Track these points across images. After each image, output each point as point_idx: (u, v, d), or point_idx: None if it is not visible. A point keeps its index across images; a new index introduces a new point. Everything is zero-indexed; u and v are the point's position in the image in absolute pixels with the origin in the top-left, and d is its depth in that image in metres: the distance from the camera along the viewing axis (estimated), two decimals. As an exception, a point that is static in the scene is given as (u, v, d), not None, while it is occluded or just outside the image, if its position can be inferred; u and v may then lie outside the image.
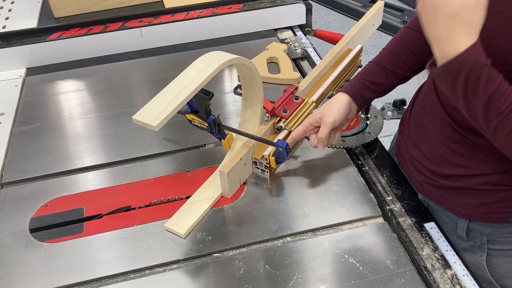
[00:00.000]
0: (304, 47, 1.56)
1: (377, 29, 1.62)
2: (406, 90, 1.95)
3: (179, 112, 0.95)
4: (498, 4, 0.78)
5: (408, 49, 1.06)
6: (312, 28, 1.68)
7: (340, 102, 1.05)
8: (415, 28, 1.06)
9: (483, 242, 1.00)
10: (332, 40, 1.68)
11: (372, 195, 1.06)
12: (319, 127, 1.05)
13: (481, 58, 0.75)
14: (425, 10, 0.78)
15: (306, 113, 1.16)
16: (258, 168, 1.10)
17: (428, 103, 1.00)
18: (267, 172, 1.09)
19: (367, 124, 1.19)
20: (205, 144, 1.21)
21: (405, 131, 1.10)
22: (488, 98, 0.76)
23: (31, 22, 1.66)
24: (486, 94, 0.76)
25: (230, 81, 1.45)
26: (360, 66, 1.41)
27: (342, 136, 1.18)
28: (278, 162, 1.07)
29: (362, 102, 1.07)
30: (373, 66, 1.09)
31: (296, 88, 1.20)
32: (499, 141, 0.79)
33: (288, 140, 1.08)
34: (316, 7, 3.85)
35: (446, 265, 0.92)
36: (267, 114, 1.13)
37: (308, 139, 1.09)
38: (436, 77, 0.82)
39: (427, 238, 0.97)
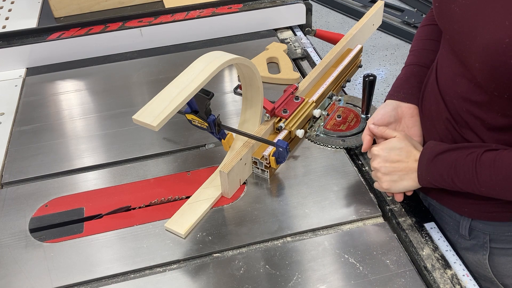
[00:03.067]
0: (304, 47, 1.56)
1: (377, 29, 1.62)
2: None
3: (179, 112, 0.95)
4: None
5: (434, 40, 1.08)
6: (312, 28, 1.68)
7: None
8: (430, 23, 1.10)
9: (486, 241, 1.00)
10: (332, 40, 1.68)
11: (372, 195, 1.06)
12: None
13: (428, 169, 0.92)
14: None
15: (306, 113, 1.16)
16: (258, 168, 1.10)
17: (432, 103, 1.00)
18: (267, 172, 1.09)
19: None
20: (205, 144, 1.21)
21: None
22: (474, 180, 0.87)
23: (31, 22, 1.66)
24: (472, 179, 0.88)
25: (230, 81, 1.45)
26: (360, 66, 1.41)
27: (342, 136, 1.18)
28: (278, 162, 1.07)
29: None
30: (415, 68, 1.09)
31: (296, 88, 1.20)
32: None
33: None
34: (316, 7, 3.86)
35: (446, 265, 0.92)
36: (267, 114, 1.13)
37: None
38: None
39: (427, 238, 0.97)
